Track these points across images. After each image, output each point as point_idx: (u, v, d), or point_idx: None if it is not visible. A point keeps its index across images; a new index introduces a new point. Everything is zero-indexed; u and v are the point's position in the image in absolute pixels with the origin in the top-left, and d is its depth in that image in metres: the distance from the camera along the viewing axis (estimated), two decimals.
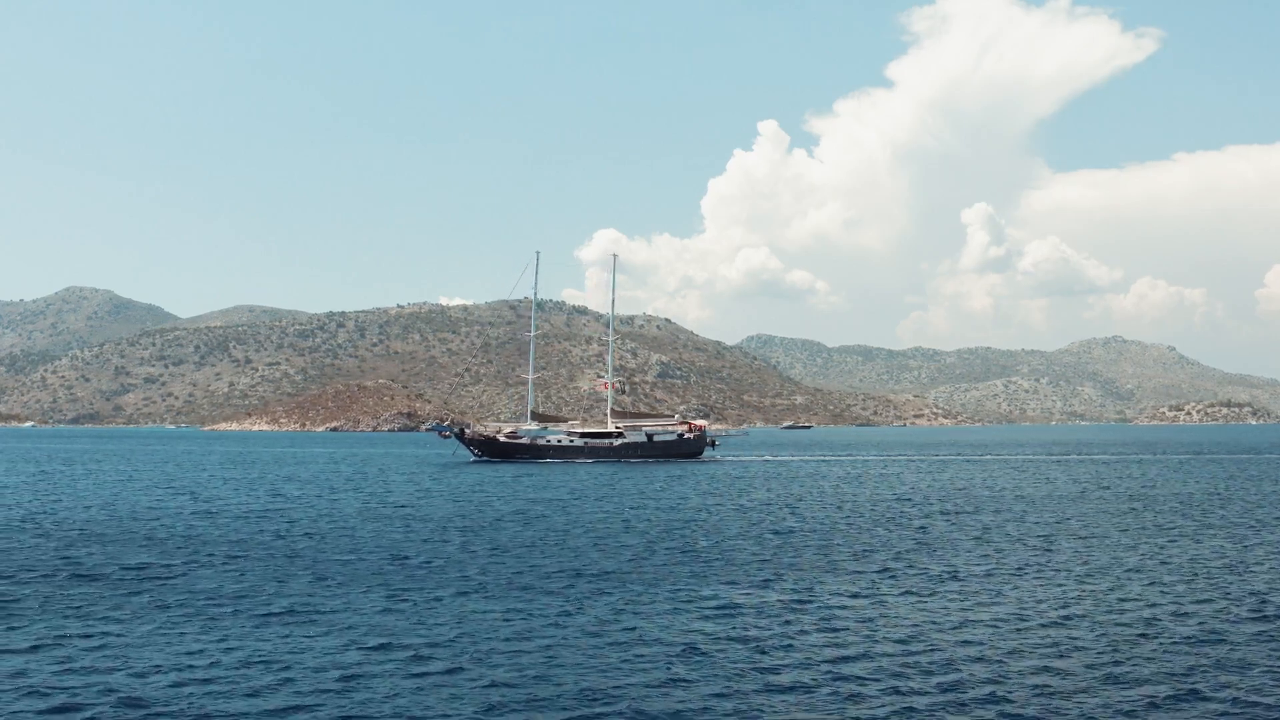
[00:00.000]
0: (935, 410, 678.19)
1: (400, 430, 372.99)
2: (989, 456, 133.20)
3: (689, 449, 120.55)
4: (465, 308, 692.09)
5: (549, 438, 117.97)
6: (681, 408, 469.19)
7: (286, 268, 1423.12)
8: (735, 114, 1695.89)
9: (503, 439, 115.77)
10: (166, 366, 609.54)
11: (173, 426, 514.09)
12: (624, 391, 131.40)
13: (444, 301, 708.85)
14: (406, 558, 35.64)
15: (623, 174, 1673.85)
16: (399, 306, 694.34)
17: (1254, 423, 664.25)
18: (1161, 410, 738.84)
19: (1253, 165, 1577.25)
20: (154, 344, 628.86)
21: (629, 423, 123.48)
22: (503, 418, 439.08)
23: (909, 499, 62.17)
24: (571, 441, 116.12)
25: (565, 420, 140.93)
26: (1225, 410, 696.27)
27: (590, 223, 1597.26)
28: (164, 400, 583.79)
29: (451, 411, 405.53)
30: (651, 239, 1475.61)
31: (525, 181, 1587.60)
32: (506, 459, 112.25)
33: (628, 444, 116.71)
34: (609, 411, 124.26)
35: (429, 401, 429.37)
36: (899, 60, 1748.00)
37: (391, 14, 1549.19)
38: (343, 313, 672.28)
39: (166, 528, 44.81)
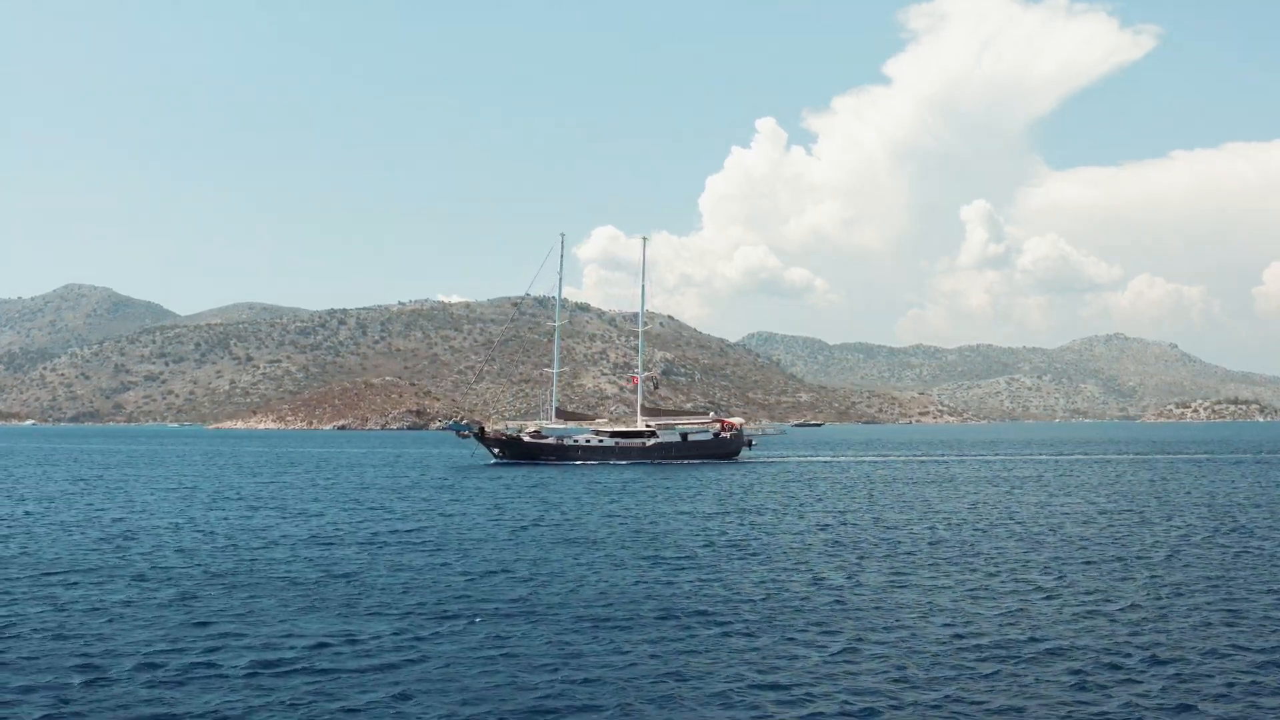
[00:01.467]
0: (941, 408, 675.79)
1: (409, 428, 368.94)
2: (1080, 456, 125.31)
3: (726, 449, 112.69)
4: (467, 305, 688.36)
5: (576, 437, 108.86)
6: (688, 406, 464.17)
7: (285, 265, 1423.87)
8: (733, 111, 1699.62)
9: (527, 439, 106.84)
10: (167, 364, 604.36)
11: (176, 425, 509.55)
12: (657, 386, 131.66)
13: (444, 299, 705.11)
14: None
15: (621, 172, 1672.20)
16: (400, 304, 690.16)
17: (1261, 420, 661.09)
18: (1168, 408, 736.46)
19: (1251, 163, 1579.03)
20: (154, 341, 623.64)
21: (662, 421, 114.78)
22: (508, 415, 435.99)
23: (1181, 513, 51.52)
24: (601, 441, 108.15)
25: (593, 418, 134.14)
26: (1232, 408, 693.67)
27: (588, 221, 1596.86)
28: (164, 398, 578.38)
29: (461, 409, 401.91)
30: (650, 236, 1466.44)
31: (522, 180, 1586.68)
32: (531, 460, 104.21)
33: (661, 444, 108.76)
34: (639, 409, 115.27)
35: (437, 399, 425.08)
36: (897, 58, 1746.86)
37: (393, 12, 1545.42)
38: (344, 310, 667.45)
39: (317, 563, 34.45)
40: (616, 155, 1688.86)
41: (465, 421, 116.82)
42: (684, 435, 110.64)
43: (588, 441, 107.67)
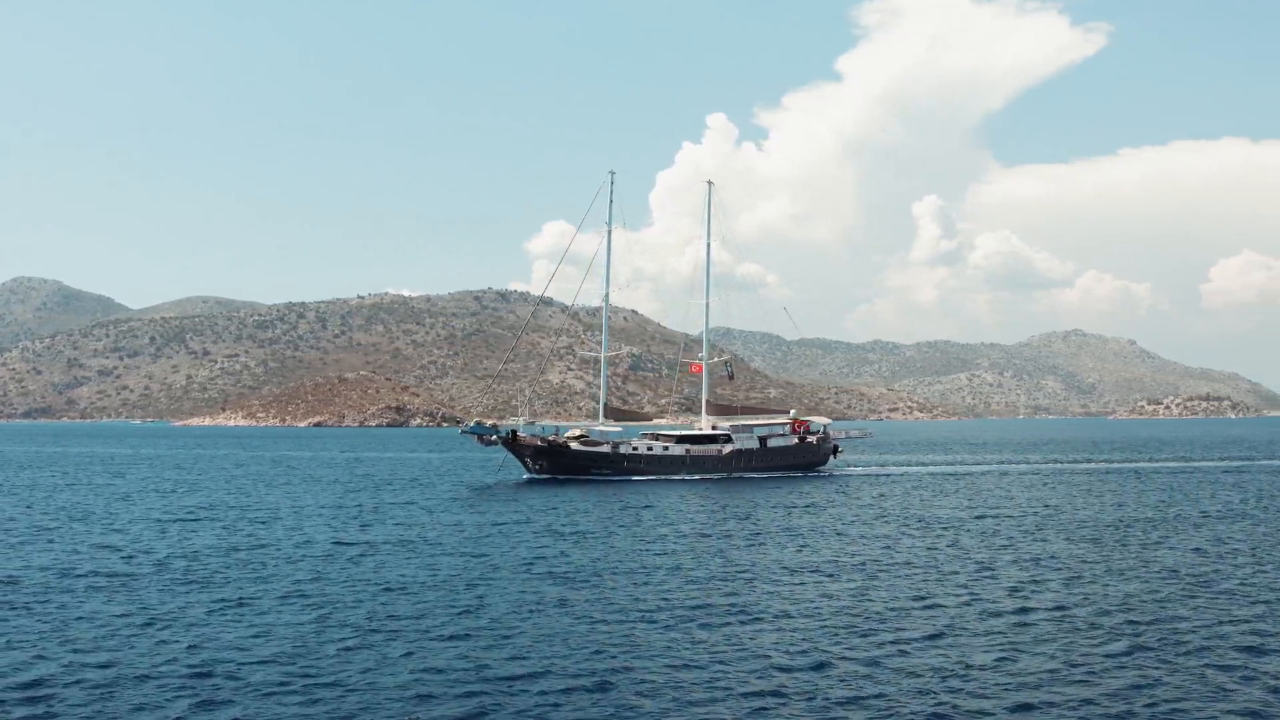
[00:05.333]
0: (910, 404, 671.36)
1: (389, 425, 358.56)
2: (1141, 463, 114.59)
3: (813, 456, 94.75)
4: (428, 298, 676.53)
5: (633, 444, 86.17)
6: (662, 402, 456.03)
7: (239, 258, 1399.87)
8: (684, 107, 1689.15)
9: (576, 446, 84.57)
10: (121, 359, 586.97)
11: (139, 422, 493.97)
12: (729, 375, 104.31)
13: (403, 292, 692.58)
14: None
15: (572, 166, 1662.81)
16: (360, 297, 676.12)
17: (1234, 416, 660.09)
18: (1140, 404, 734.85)
19: (1199, 161, 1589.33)
20: (108, 335, 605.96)
21: (736, 421, 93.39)
22: (495, 414, 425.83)
23: None
24: (667, 449, 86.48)
25: (649, 417, 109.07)
26: (1204, 404, 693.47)
27: (539, 215, 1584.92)
28: (119, 394, 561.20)
29: (439, 405, 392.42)
30: (601, 231, 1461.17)
31: (474, 174, 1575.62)
32: (579, 474, 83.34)
33: (738, 451, 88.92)
34: (704, 406, 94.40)
35: (416, 395, 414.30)
36: (849, 54, 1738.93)
37: (349, 7, 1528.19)
38: (303, 303, 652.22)
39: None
40: (569, 150, 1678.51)
41: (491, 423, 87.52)
42: (762, 439, 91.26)
43: (650, 450, 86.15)
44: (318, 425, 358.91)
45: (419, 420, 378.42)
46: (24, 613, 27.64)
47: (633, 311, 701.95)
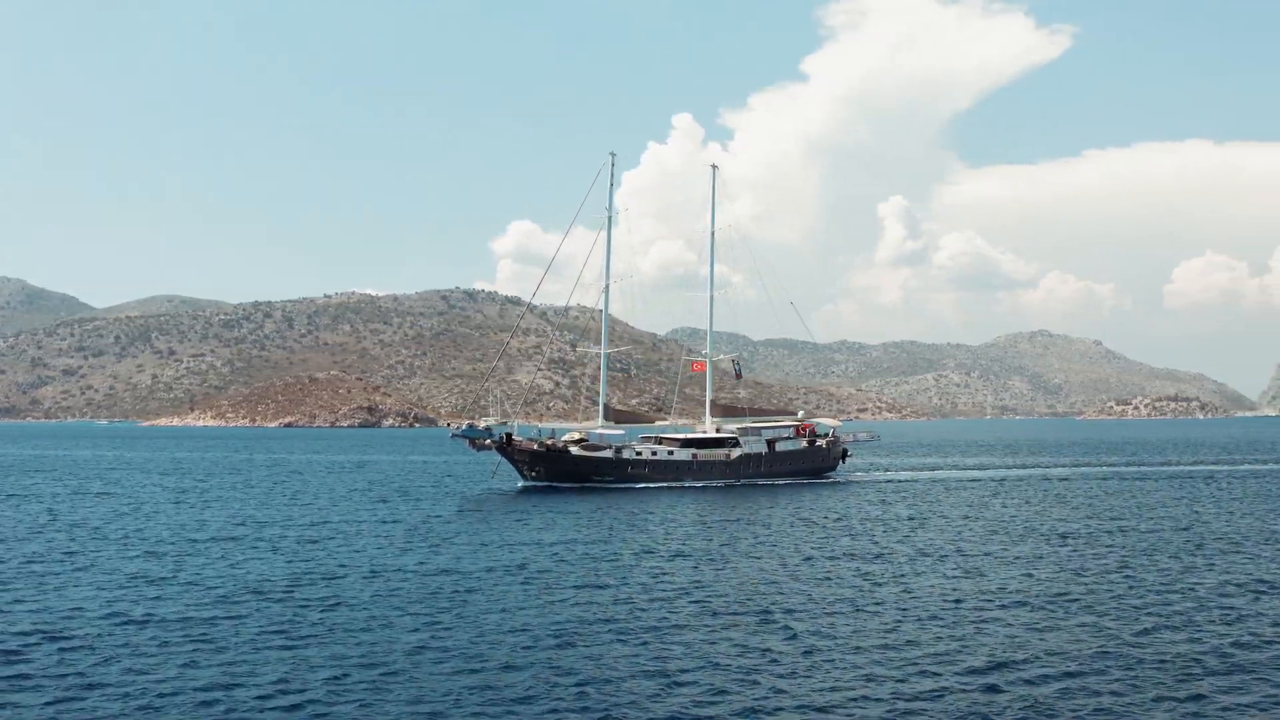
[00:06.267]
0: (878, 404, 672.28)
1: (360, 425, 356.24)
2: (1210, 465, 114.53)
3: (823, 461, 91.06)
4: (395, 297, 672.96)
5: (635, 448, 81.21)
6: (633, 402, 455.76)
7: (203, 257, 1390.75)
8: (650, 107, 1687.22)
9: (576, 451, 79.33)
10: (86, 358, 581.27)
11: (106, 422, 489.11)
12: (738, 373, 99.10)
13: (370, 292, 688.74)
14: None
15: (537, 166, 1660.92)
16: (326, 296, 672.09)
17: (1202, 417, 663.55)
18: (1109, 404, 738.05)
19: (1163, 162, 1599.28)
20: (72, 334, 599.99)
21: (743, 423, 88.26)
22: (466, 414, 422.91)
23: None
24: (672, 454, 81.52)
25: (651, 419, 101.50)
26: (1173, 405, 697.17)
27: (504, 215, 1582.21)
28: (83, 393, 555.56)
29: (412, 405, 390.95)
30: (567, 231, 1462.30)
31: (440, 173, 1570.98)
32: (580, 481, 78.23)
33: (746, 456, 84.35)
34: (709, 406, 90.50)
35: (388, 395, 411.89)
36: (815, 55, 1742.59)
37: (312, 6, 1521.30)
38: (269, 302, 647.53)
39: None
40: (533, 150, 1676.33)
41: (485, 425, 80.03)
42: (770, 443, 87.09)
43: (654, 454, 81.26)
44: (288, 426, 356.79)
45: (391, 421, 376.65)
46: (100, 693, 21.79)
47: (600, 311, 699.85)
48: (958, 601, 31.59)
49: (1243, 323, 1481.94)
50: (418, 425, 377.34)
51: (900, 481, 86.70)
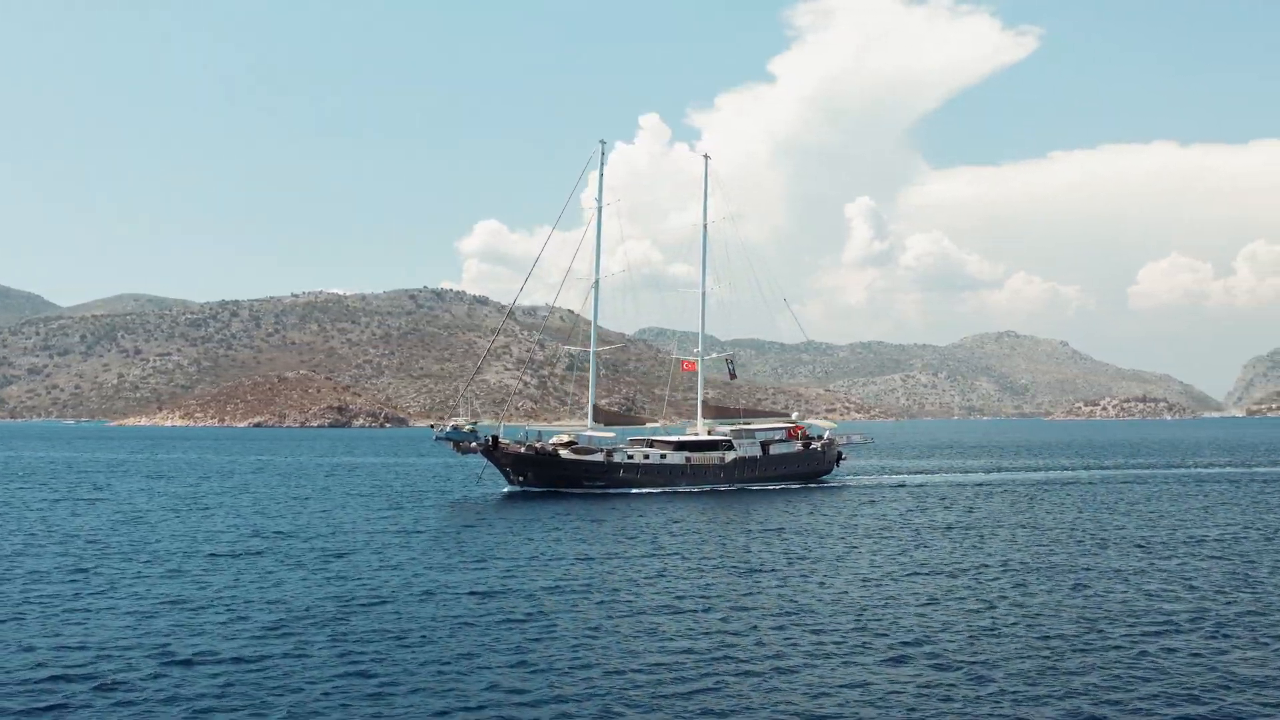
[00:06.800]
0: (846, 404, 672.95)
1: (331, 425, 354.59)
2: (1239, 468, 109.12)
3: (819, 465, 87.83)
4: (362, 297, 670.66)
5: (627, 451, 77.40)
6: (603, 402, 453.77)
7: (170, 256, 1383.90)
8: (617, 107, 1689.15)
9: (566, 455, 75.56)
10: (51, 357, 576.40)
11: (74, 422, 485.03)
12: (732, 373, 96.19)
13: (340, 291, 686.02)
14: None
15: (503, 166, 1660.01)
16: (293, 296, 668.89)
17: (1170, 418, 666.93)
18: (1077, 405, 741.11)
19: (1128, 164, 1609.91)
20: (37, 333, 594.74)
21: (736, 425, 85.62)
22: (434, 414, 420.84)
23: None
24: (664, 458, 78.09)
25: (642, 420, 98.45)
26: (1141, 405, 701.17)
27: (470, 215, 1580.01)
28: (49, 393, 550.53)
29: (382, 405, 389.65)
30: (534, 231, 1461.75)
31: (407, 173, 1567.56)
32: (569, 486, 74.78)
33: (741, 459, 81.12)
34: (700, 407, 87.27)
35: (358, 395, 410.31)
36: (783, 55, 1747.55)
37: (279, 7, 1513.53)
38: (236, 301, 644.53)
39: None
40: (500, 150, 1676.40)
41: (469, 428, 75.59)
42: (764, 446, 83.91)
43: (646, 458, 77.69)
44: (258, 425, 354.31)
45: (362, 421, 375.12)
46: None
47: (569, 311, 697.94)
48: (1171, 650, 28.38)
49: (1207, 324, 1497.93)
50: (388, 425, 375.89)
51: (912, 487, 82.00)
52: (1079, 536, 48.00)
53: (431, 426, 75.91)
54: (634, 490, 74.82)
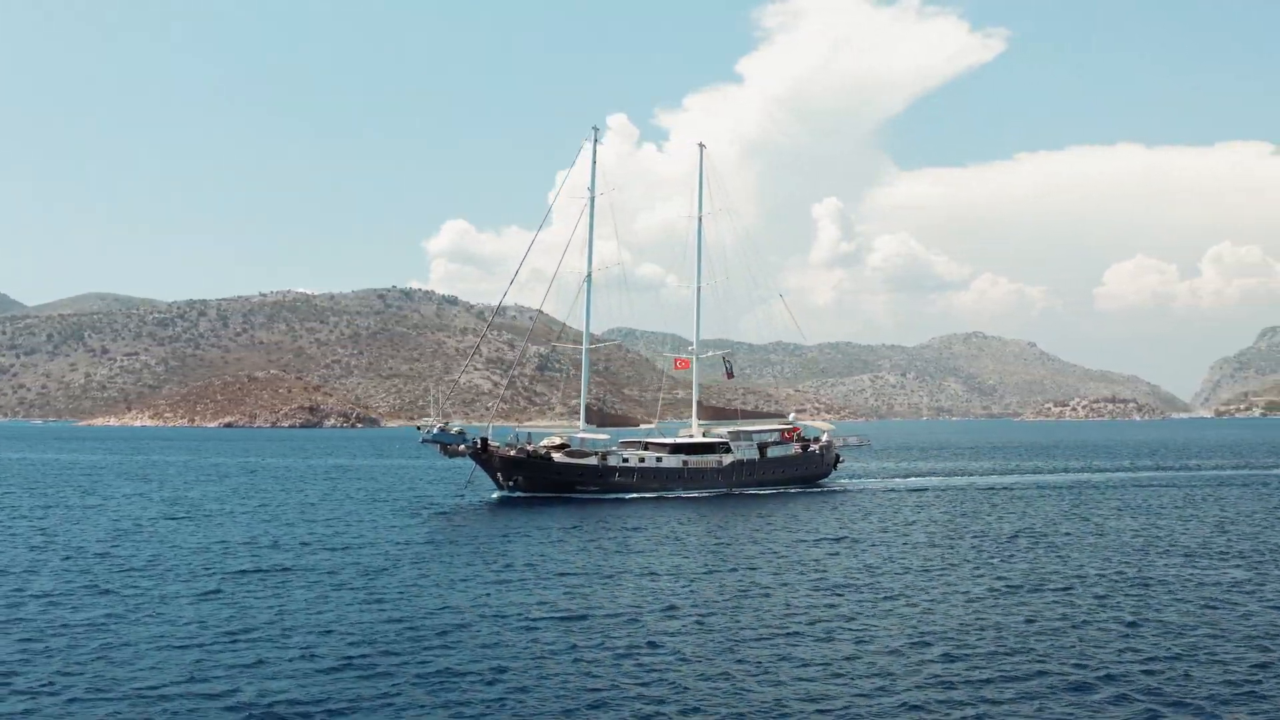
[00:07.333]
0: (817, 404, 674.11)
1: (302, 426, 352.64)
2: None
3: (815, 468, 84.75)
4: (331, 296, 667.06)
5: (622, 454, 74.57)
6: (572, 403, 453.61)
7: (137, 255, 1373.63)
8: (585, 107, 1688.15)
9: (559, 458, 72.23)
10: (18, 356, 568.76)
11: (41, 422, 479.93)
12: (729, 373, 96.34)
13: (308, 290, 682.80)
14: None
15: (470, 166, 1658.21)
16: (261, 295, 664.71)
17: (1139, 419, 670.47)
18: (1046, 406, 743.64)
19: (1094, 166, 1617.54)
20: (3, 332, 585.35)
21: (733, 426, 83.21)
22: (404, 414, 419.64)
23: None
24: (660, 461, 75.18)
25: (636, 422, 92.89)
26: (1110, 406, 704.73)
27: (438, 214, 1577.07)
28: (15, 392, 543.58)
29: (354, 405, 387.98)
30: (501, 231, 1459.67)
31: (375, 172, 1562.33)
32: (562, 491, 71.51)
33: (739, 462, 78.19)
34: (695, 408, 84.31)
35: (329, 395, 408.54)
36: (750, 56, 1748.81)
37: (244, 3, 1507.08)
38: (203, 301, 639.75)
39: None
40: (467, 149, 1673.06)
41: (458, 430, 72.73)
42: (762, 448, 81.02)
43: (642, 461, 74.65)
44: (228, 426, 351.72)
45: (333, 421, 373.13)
46: None
47: (539, 311, 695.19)
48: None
49: (1173, 325, 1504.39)
50: (360, 426, 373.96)
51: (911, 491, 79.26)
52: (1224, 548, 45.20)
53: (418, 428, 72.45)
54: (629, 495, 71.99)
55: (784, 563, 41.51)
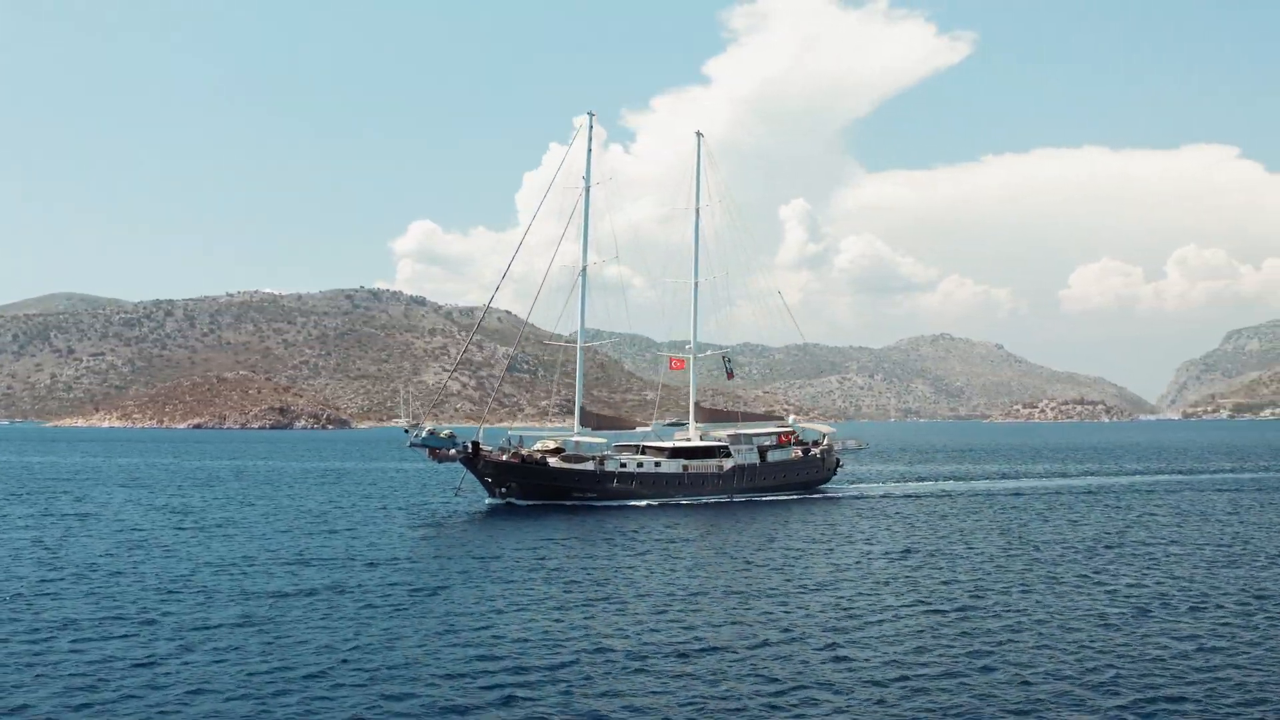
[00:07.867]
0: (785, 406, 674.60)
1: (272, 427, 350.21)
2: None
3: (816, 473, 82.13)
4: (299, 296, 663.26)
5: (619, 458, 72.11)
6: (542, 404, 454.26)
7: (102, 254, 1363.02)
8: (552, 108, 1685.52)
9: (554, 463, 69.55)
10: None
11: (7, 422, 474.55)
12: (730, 372, 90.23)
13: (275, 291, 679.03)
14: None
15: (437, 166, 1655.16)
16: (229, 295, 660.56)
17: (1108, 420, 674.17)
18: (1015, 407, 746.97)
19: (1059, 168, 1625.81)
20: None
21: (732, 429, 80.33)
22: (373, 415, 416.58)
23: None
24: (659, 466, 72.50)
25: (632, 425, 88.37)
26: (1079, 408, 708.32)
27: (405, 215, 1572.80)
28: None
29: (324, 406, 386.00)
30: (468, 231, 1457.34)
31: (342, 173, 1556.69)
32: (558, 498, 68.76)
33: (739, 467, 75.78)
34: (692, 410, 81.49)
35: (299, 396, 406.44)
36: (718, 58, 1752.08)
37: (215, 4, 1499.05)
38: (170, 301, 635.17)
39: None
40: (434, 150, 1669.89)
41: (448, 433, 70.27)
42: (762, 452, 78.60)
43: (641, 467, 71.91)
44: (197, 427, 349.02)
45: (304, 422, 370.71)
46: None
47: (507, 312, 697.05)
48: None
49: (1138, 327, 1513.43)
50: (331, 427, 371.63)
51: (918, 497, 76.83)
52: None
53: (406, 430, 69.46)
54: (628, 502, 69.32)
55: (875, 582, 38.75)
